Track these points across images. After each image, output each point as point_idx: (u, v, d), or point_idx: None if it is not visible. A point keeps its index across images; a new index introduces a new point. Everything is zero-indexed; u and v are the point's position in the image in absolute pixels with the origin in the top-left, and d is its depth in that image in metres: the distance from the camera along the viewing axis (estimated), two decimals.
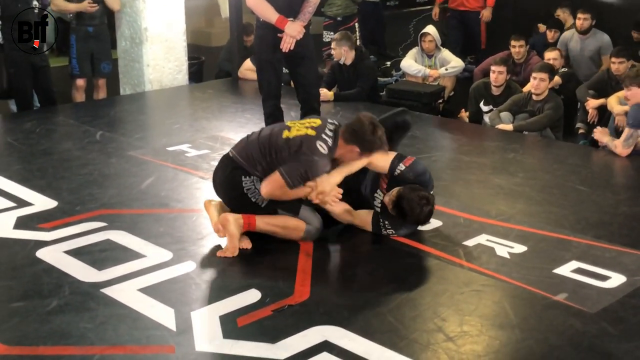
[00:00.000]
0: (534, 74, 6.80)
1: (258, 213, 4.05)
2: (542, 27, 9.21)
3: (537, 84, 6.71)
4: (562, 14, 9.25)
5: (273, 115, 5.41)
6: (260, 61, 5.41)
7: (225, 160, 4.18)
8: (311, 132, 4.00)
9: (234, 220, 3.98)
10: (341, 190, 4.07)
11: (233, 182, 4.07)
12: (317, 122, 4.10)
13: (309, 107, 5.41)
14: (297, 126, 4.08)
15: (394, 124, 4.42)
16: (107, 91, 7.73)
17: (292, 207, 4.06)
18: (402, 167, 4.16)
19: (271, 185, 3.97)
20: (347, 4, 8.92)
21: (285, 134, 4.04)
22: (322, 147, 3.96)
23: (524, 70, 7.87)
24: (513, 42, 8.01)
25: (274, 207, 4.05)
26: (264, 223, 4.04)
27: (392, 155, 4.21)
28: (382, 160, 4.18)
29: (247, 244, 4.03)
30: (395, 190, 4.07)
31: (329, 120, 4.14)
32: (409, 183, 4.11)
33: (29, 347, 3.10)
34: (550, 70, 6.87)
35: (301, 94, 5.48)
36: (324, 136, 4.00)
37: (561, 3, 9.26)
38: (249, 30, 8.74)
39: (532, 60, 7.89)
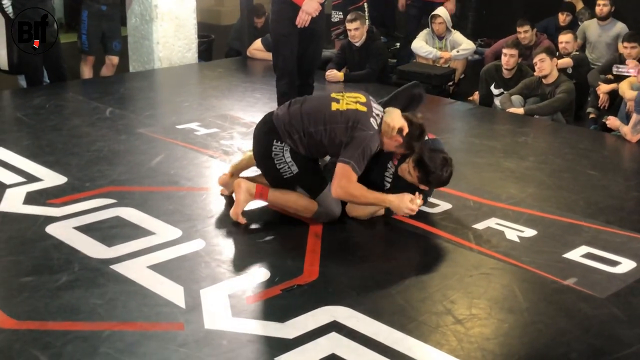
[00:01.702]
0: (534, 60, 6.78)
1: (279, 183, 4.08)
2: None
3: (539, 66, 6.70)
4: None
5: (287, 95, 5.34)
6: (277, 36, 5.37)
7: (267, 117, 4.17)
8: (362, 108, 3.99)
9: (246, 189, 4.01)
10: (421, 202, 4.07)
11: (265, 143, 4.07)
12: (362, 98, 4.08)
13: (304, 82, 5.45)
14: (345, 99, 4.05)
15: (410, 96, 4.46)
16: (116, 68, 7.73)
17: (313, 188, 4.04)
18: (425, 137, 4.22)
19: (338, 180, 3.91)
20: None
21: (335, 106, 4.01)
22: (374, 124, 3.97)
23: (533, 54, 7.81)
24: (518, 28, 8.00)
25: (296, 182, 4.04)
26: (275, 196, 4.06)
27: None
28: None
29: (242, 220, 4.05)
30: (413, 155, 4.09)
31: (372, 101, 4.13)
32: None
33: (39, 321, 3.11)
34: (548, 50, 6.82)
35: (300, 67, 5.46)
36: (374, 114, 4.01)
37: None
38: (260, 11, 8.72)
39: (542, 44, 7.83)
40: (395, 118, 4.01)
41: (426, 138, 4.24)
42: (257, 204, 4.21)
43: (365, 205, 4.10)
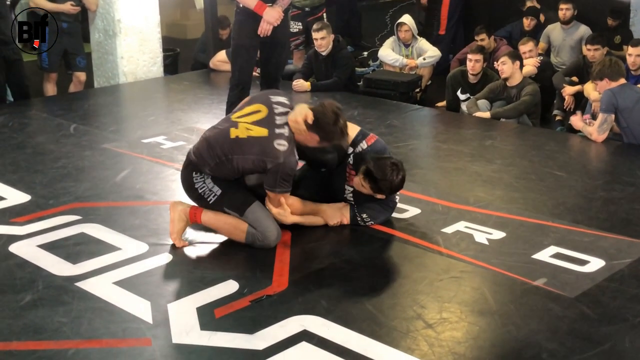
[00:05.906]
0: (496, 63, 6.85)
1: (208, 208, 4.00)
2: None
3: (500, 69, 6.76)
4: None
5: (235, 105, 5.32)
6: (237, 46, 5.36)
7: (187, 156, 4.09)
8: (262, 133, 3.83)
9: (180, 211, 3.96)
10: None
11: (186, 176, 4.02)
12: (261, 111, 3.93)
13: (270, 89, 5.40)
14: (243, 122, 3.90)
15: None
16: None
17: (238, 206, 3.93)
18: (364, 145, 4.16)
19: (271, 202, 3.93)
20: None
21: (233, 132, 3.87)
22: (281, 146, 3.80)
23: (492, 60, 7.86)
24: (476, 37, 8.11)
25: (220, 204, 3.95)
26: (209, 217, 3.98)
27: (355, 129, 4.21)
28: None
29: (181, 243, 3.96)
30: (362, 168, 4.04)
31: (274, 106, 3.96)
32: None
33: (2, 342, 3.04)
34: (510, 54, 6.86)
35: (265, 75, 5.45)
36: (277, 131, 3.83)
37: None
38: (225, 23, 8.69)
39: (501, 50, 7.90)
40: (297, 111, 3.91)
41: (365, 145, 4.16)
42: None
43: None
